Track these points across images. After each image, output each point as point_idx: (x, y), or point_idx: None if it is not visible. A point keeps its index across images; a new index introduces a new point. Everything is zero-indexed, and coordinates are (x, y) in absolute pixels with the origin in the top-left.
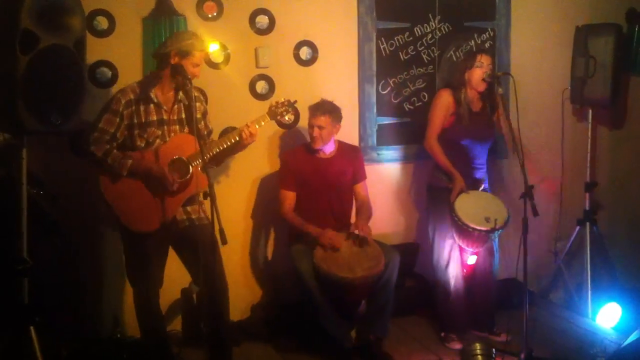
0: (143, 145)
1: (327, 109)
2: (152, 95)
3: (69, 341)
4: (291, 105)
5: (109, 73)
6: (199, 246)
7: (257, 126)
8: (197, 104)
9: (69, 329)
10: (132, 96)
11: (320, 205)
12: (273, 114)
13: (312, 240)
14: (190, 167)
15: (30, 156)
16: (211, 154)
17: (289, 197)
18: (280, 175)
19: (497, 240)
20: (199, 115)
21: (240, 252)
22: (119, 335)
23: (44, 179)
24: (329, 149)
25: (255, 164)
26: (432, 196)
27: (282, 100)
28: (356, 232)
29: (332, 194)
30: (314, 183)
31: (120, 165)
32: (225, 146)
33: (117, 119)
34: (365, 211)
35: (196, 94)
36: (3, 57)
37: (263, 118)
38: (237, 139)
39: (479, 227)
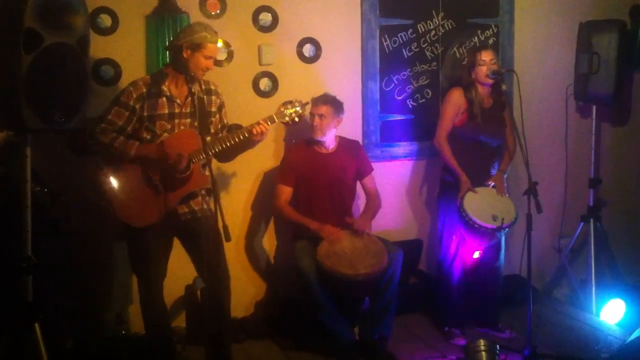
0: (149, 137)
1: (329, 99)
2: (165, 88)
3: (73, 337)
4: (302, 107)
5: (112, 71)
6: (202, 239)
7: (268, 123)
8: (213, 97)
9: (72, 327)
10: (144, 89)
11: (321, 201)
12: (281, 115)
13: (313, 234)
14: (191, 163)
15: (32, 154)
16: (214, 151)
17: (286, 192)
18: (280, 169)
19: (504, 237)
20: (213, 109)
21: (244, 249)
22: (123, 332)
23: (44, 176)
24: (330, 144)
25: (259, 158)
26: (443, 190)
27: (293, 100)
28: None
29: (333, 189)
30: (315, 178)
31: (126, 147)
32: (230, 144)
33: (127, 112)
34: (373, 204)
35: (212, 87)
36: (7, 56)
37: (271, 119)
38: (247, 135)
39: (485, 225)
